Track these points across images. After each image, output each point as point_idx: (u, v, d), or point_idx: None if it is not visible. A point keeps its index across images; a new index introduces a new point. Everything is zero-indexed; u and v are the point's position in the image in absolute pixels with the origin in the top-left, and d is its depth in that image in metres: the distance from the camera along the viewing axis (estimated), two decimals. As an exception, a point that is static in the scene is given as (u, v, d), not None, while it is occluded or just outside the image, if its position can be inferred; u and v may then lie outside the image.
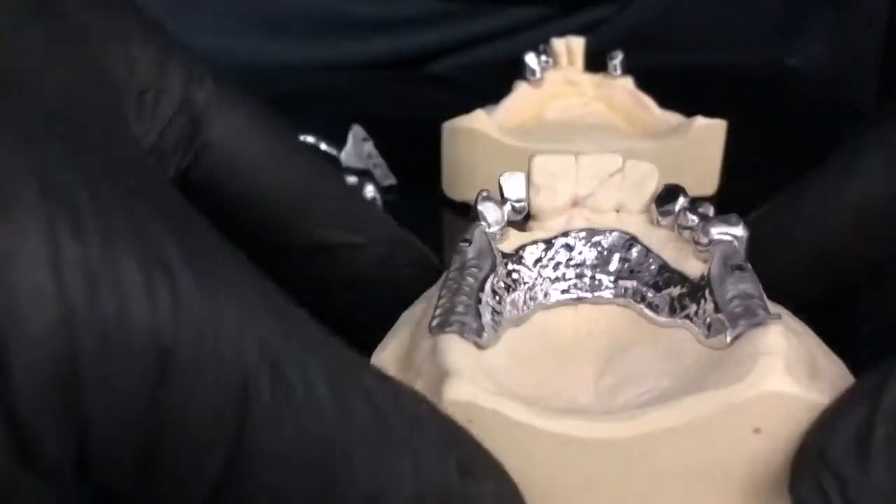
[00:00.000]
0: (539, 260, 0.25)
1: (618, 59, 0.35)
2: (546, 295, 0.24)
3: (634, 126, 0.36)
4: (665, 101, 0.35)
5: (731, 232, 0.23)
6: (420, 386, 0.20)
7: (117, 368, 0.15)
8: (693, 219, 0.24)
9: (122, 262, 0.16)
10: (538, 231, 0.25)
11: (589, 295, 0.25)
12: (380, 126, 0.37)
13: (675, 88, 0.35)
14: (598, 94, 0.37)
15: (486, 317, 0.22)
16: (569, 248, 0.25)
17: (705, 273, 0.22)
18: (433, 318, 0.21)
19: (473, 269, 0.23)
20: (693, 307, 0.23)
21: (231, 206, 0.25)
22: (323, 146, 0.37)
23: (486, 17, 0.45)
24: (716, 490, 0.20)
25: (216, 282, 0.16)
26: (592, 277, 0.25)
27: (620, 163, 0.26)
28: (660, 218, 0.25)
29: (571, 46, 0.36)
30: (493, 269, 0.23)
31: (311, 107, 0.41)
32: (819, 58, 0.53)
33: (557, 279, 0.25)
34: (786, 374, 0.18)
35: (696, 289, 0.23)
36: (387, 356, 0.23)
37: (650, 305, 0.24)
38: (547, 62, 0.36)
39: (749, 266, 0.22)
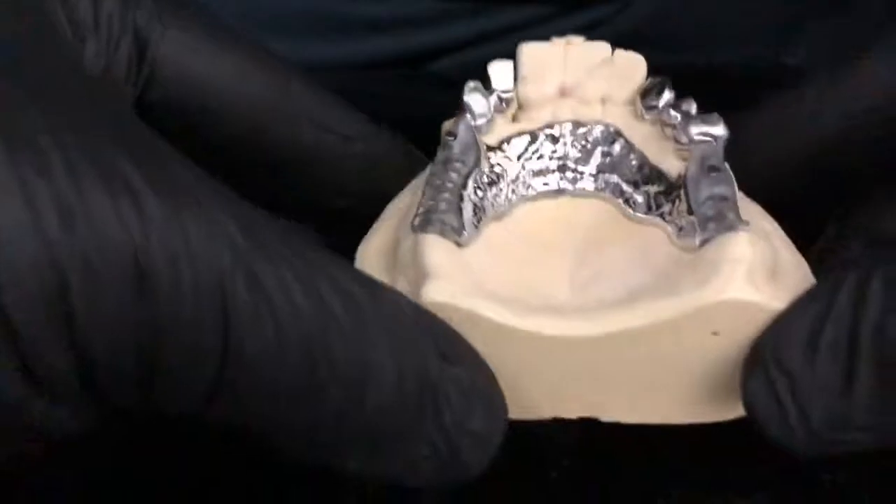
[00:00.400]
0: (523, 153, 0.25)
1: (618, 58, 0.35)
2: (529, 187, 0.25)
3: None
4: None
5: (711, 132, 0.23)
6: (402, 282, 0.21)
7: (101, 289, 0.16)
8: (675, 116, 0.24)
9: (89, 193, 0.16)
10: (524, 121, 0.25)
11: (570, 187, 0.25)
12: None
13: (675, 88, 0.35)
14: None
15: (468, 213, 0.22)
16: (553, 139, 0.25)
17: (682, 173, 0.23)
18: (416, 216, 0.22)
19: (458, 164, 0.23)
20: (668, 206, 0.23)
21: (196, 121, 0.25)
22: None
23: (487, 16, 0.45)
24: (675, 383, 0.20)
25: (179, 199, 0.17)
26: (575, 170, 0.25)
27: (609, 51, 0.26)
28: (644, 112, 0.25)
29: (571, 46, 0.36)
30: (477, 164, 0.23)
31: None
32: (819, 58, 0.53)
33: (541, 171, 0.25)
34: (746, 282, 0.19)
35: (673, 188, 0.23)
36: (371, 249, 0.23)
37: (628, 202, 0.24)
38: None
39: (726, 167, 0.22)
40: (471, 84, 0.25)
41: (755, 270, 0.20)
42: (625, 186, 0.24)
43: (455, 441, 0.19)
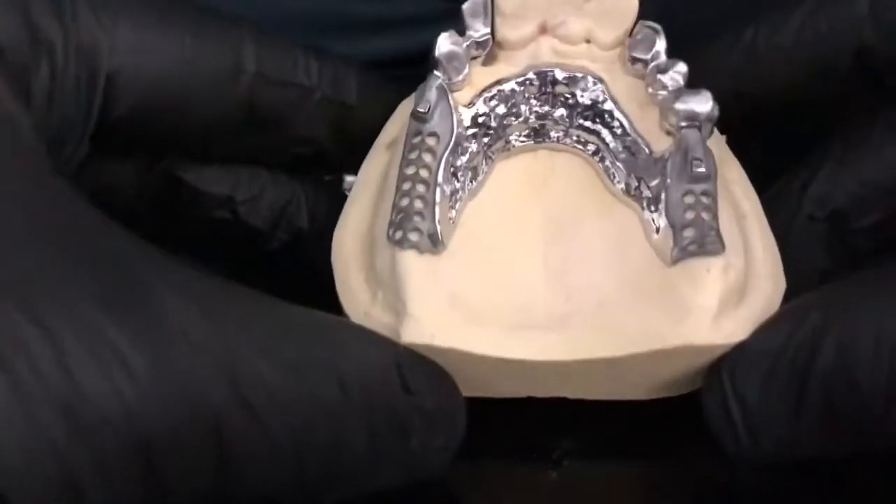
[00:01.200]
0: (499, 105, 0.24)
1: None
2: (507, 142, 0.24)
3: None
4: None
5: (698, 109, 0.22)
6: (382, 296, 0.21)
7: (109, 472, 0.16)
8: (663, 83, 0.23)
9: (77, 371, 0.16)
10: (502, 63, 0.24)
11: (548, 141, 0.24)
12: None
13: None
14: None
15: (444, 207, 0.22)
16: (531, 90, 0.24)
17: (664, 155, 0.22)
18: (391, 224, 0.21)
19: (431, 142, 0.22)
20: (647, 192, 0.23)
21: (160, 117, 0.24)
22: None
23: (487, 15, 0.45)
24: (642, 381, 0.22)
25: (167, 344, 0.17)
26: (556, 123, 0.24)
27: None
28: (631, 64, 0.24)
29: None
30: (451, 137, 0.22)
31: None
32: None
33: (518, 124, 0.24)
34: (713, 328, 0.20)
35: (653, 171, 0.22)
36: (349, 235, 0.23)
37: (608, 171, 0.24)
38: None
39: (710, 160, 0.22)
40: (444, 35, 0.24)
41: (724, 304, 0.20)
42: (605, 152, 0.23)
43: (421, 458, 0.20)
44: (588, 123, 0.24)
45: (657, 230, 0.22)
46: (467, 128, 0.23)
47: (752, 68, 0.25)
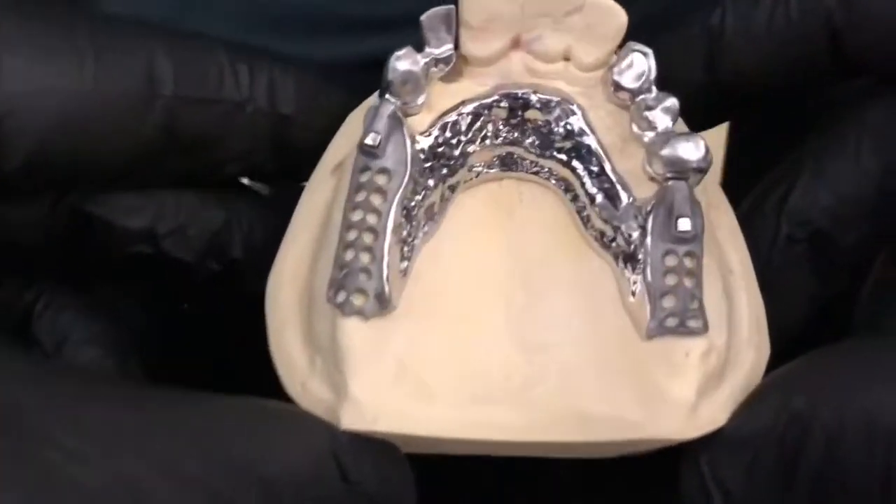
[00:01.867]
0: (463, 131, 0.21)
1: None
2: (469, 171, 0.21)
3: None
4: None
5: (686, 157, 0.20)
6: (321, 364, 0.19)
7: None
8: (650, 122, 0.20)
9: None
10: (466, 80, 0.21)
11: (515, 172, 0.22)
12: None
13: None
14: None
15: (396, 256, 0.20)
16: (499, 114, 0.21)
17: (647, 205, 0.20)
18: (331, 284, 0.19)
19: (381, 181, 0.19)
20: (623, 246, 0.20)
21: (76, 164, 0.22)
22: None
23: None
24: (605, 453, 0.20)
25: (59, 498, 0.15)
26: (526, 152, 0.21)
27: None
28: (613, 90, 0.21)
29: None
30: (405, 175, 0.20)
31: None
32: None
33: (485, 150, 0.21)
34: (687, 422, 0.19)
35: (632, 223, 0.20)
36: (286, 281, 0.20)
37: (581, 213, 0.21)
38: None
39: (698, 216, 0.19)
40: (397, 54, 0.20)
41: (703, 390, 0.19)
42: (579, 191, 0.21)
43: None
44: (563, 156, 0.21)
45: (633, 292, 0.20)
46: (424, 160, 0.20)
47: (725, 58, 0.23)
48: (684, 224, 0.19)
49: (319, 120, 0.23)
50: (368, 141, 0.19)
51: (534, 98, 0.21)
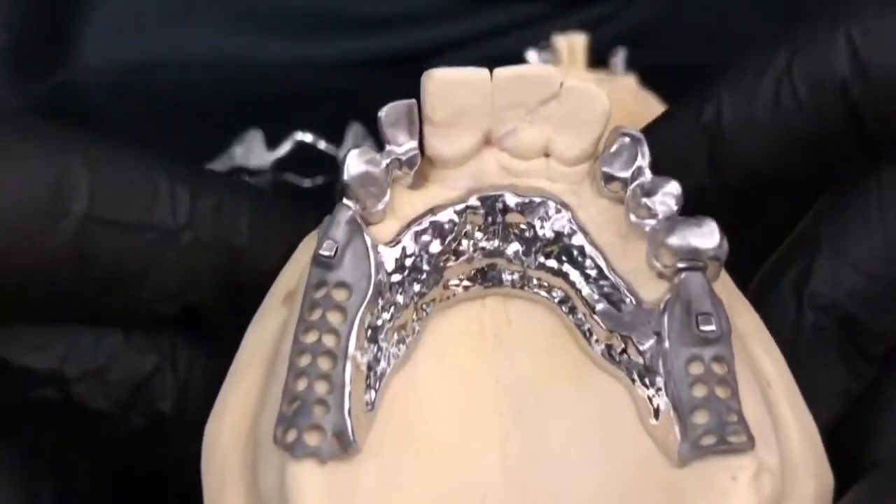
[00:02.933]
0: (433, 242, 0.19)
1: (620, 56, 0.35)
2: (446, 288, 0.19)
3: (637, 125, 0.36)
4: (668, 100, 0.34)
5: (700, 246, 0.17)
6: None
7: None
8: (651, 208, 0.18)
9: None
10: (434, 186, 0.19)
11: (500, 286, 0.19)
12: (379, 124, 0.36)
13: (678, 86, 0.34)
14: (601, 92, 0.36)
15: (360, 385, 0.16)
16: (478, 219, 0.19)
17: (659, 306, 0.17)
18: (282, 417, 0.16)
19: (340, 296, 0.17)
20: (637, 358, 0.17)
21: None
22: (321, 145, 0.37)
23: (487, 13, 0.44)
24: None
25: None
26: (509, 262, 0.19)
27: (557, 84, 0.18)
28: (604, 183, 0.18)
29: (573, 43, 0.36)
30: (368, 288, 0.17)
31: (308, 105, 0.40)
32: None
33: (462, 263, 0.19)
34: None
35: (644, 329, 0.17)
36: (227, 431, 0.17)
37: (581, 327, 0.18)
38: (548, 59, 0.36)
39: (722, 312, 0.17)
40: (354, 153, 0.18)
41: None
42: (576, 301, 0.18)
43: None
44: (552, 263, 0.18)
45: (655, 413, 0.16)
46: (391, 273, 0.18)
47: (728, 157, 0.21)
48: (706, 321, 0.16)
49: (277, 251, 0.20)
50: (324, 251, 0.17)
51: (512, 200, 0.19)
